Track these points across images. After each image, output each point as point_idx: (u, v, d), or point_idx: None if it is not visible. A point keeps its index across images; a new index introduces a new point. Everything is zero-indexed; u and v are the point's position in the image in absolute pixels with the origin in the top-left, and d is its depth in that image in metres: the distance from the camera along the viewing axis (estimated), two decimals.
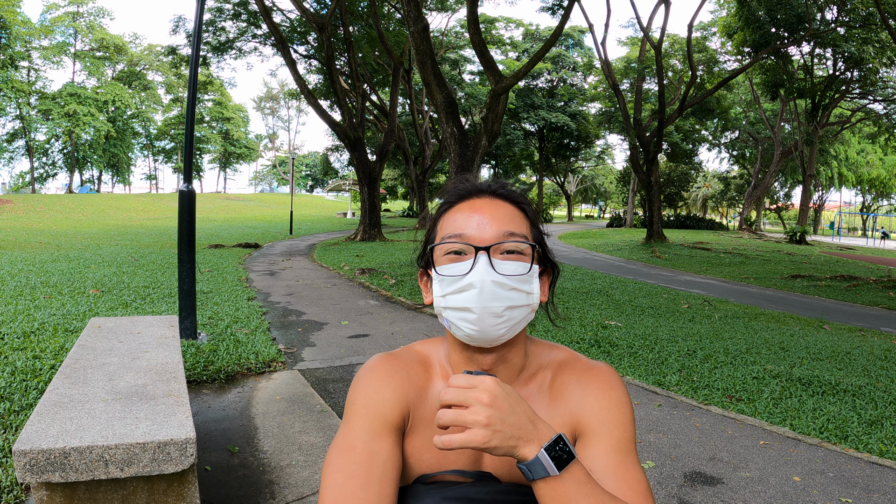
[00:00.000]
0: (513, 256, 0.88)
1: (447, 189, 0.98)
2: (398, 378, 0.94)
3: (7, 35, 44.46)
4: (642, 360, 4.93)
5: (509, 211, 0.92)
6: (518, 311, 0.88)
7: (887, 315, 8.75)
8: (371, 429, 0.89)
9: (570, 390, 0.94)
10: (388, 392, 0.92)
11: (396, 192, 56.00)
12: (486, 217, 0.89)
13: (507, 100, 11.93)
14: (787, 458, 3.08)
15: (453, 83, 33.36)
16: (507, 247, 0.88)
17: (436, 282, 0.90)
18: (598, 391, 0.93)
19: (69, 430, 1.68)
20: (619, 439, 0.90)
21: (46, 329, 4.84)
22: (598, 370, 0.96)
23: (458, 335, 0.90)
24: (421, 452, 0.93)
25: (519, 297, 0.87)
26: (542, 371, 0.98)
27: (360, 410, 0.91)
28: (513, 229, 0.89)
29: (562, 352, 1.00)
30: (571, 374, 0.96)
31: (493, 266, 0.86)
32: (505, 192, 0.94)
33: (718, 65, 26.74)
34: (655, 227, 21.28)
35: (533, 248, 0.90)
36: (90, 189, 58.44)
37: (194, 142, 6.39)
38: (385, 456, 0.88)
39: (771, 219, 57.22)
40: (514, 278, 0.86)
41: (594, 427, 0.91)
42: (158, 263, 10.29)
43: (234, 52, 20.79)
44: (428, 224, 0.98)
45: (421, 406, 0.95)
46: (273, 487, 2.65)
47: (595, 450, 0.89)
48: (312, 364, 4.72)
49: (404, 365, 0.97)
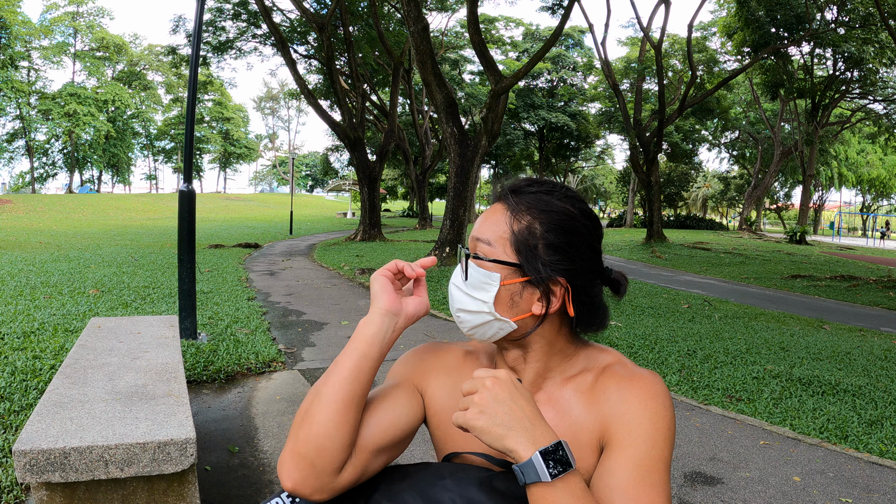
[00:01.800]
0: (478, 262, 0.90)
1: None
2: (432, 355, 1.02)
3: (7, 35, 44.45)
4: (642, 361, 4.93)
5: (499, 218, 0.90)
6: (472, 317, 0.90)
7: (887, 315, 8.74)
8: (393, 381, 0.99)
9: (608, 395, 0.90)
10: (416, 361, 1.02)
11: (396, 192, 55.98)
12: (478, 221, 0.93)
13: (507, 100, 11.93)
14: (787, 458, 3.08)
15: (453, 83, 33.35)
16: (470, 252, 0.92)
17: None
18: (634, 400, 0.87)
19: (69, 430, 1.68)
20: (644, 456, 0.82)
21: (46, 329, 4.84)
22: (641, 378, 0.90)
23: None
24: (446, 429, 0.97)
25: (470, 303, 0.90)
26: (585, 373, 0.94)
27: (389, 375, 1.02)
28: (479, 234, 0.91)
29: (610, 355, 0.96)
30: (612, 379, 0.92)
31: (462, 269, 0.91)
32: (506, 198, 0.92)
33: (718, 65, 26.74)
34: (655, 227, 21.27)
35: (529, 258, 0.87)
36: (90, 189, 58.43)
37: (194, 142, 6.40)
38: (394, 394, 0.94)
39: (771, 219, 57.20)
40: (464, 283, 0.91)
41: (621, 438, 0.85)
42: (158, 263, 10.29)
43: (234, 52, 20.79)
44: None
45: (451, 384, 0.99)
46: (273, 487, 2.65)
47: (615, 462, 0.83)
48: (312, 364, 4.72)
49: (443, 350, 1.04)
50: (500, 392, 0.77)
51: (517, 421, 0.76)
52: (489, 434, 0.76)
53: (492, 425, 0.75)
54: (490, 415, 0.76)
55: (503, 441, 0.75)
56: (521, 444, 0.74)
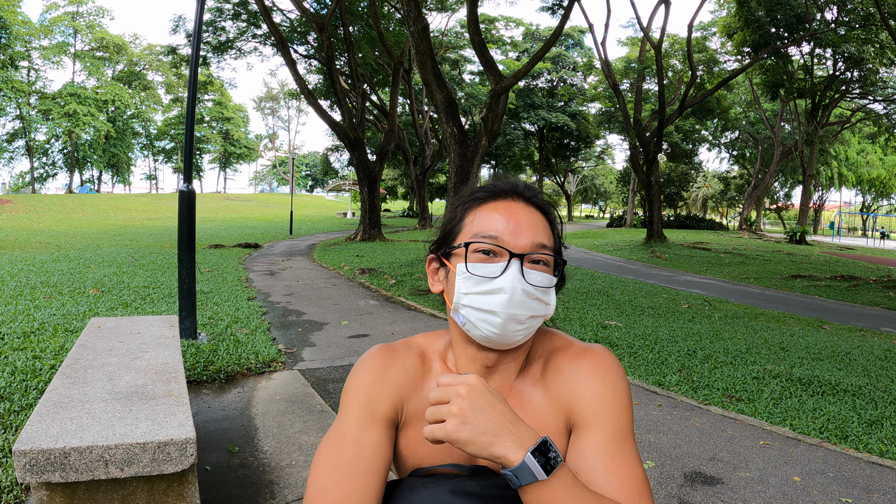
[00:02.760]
0: (540, 267, 0.88)
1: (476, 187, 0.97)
2: (393, 370, 0.94)
3: (7, 35, 44.46)
4: (642, 360, 4.93)
5: (540, 220, 0.92)
6: (537, 321, 0.89)
7: (887, 315, 8.74)
8: (361, 420, 0.90)
9: (563, 377, 0.92)
10: (381, 384, 0.92)
11: (396, 192, 56.01)
12: (522, 224, 0.89)
13: (507, 100, 11.93)
14: (787, 458, 3.08)
15: (453, 83, 33.35)
16: (536, 258, 0.88)
17: (461, 278, 0.88)
18: (591, 377, 0.91)
19: (69, 430, 1.68)
20: (614, 430, 0.87)
21: (46, 329, 4.84)
22: (592, 353, 0.94)
23: (474, 334, 0.89)
24: (415, 446, 0.93)
25: (540, 307, 0.88)
26: (536, 361, 0.96)
27: (353, 401, 0.92)
28: (544, 241, 0.90)
29: (556, 338, 0.98)
30: (563, 359, 0.94)
31: (524, 274, 0.86)
32: (538, 200, 0.94)
33: (718, 65, 26.74)
34: (655, 227, 21.27)
35: (556, 262, 0.91)
36: (90, 189, 58.44)
37: (194, 142, 6.40)
38: (373, 448, 0.88)
39: (771, 219, 57.21)
40: (540, 289, 0.87)
41: (587, 417, 0.88)
42: (158, 263, 10.29)
43: (234, 52, 20.80)
44: (453, 212, 0.96)
45: (415, 399, 0.94)
46: (273, 487, 2.65)
47: (588, 443, 0.87)
48: (312, 364, 4.72)
49: (401, 357, 0.96)
50: (477, 399, 0.75)
51: (500, 426, 0.74)
52: (474, 444, 0.74)
53: (476, 435, 0.74)
54: (472, 424, 0.74)
55: (490, 449, 0.74)
56: (509, 448, 0.74)
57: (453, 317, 0.91)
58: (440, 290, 0.95)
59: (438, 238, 0.97)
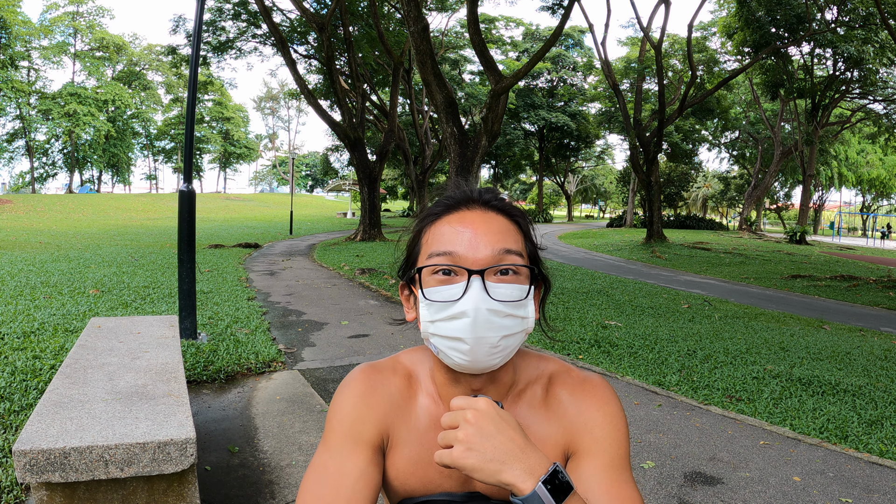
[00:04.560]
0: (508, 278, 0.80)
1: (440, 194, 0.90)
2: (378, 395, 0.90)
3: (7, 35, 44.45)
4: (642, 360, 4.93)
5: (503, 225, 0.84)
6: (513, 339, 0.81)
7: (887, 315, 8.74)
8: (344, 447, 0.86)
9: (564, 406, 0.90)
10: (365, 409, 0.88)
11: (396, 192, 55.99)
12: (479, 233, 0.81)
13: (507, 100, 11.93)
14: (787, 458, 3.08)
15: (453, 83, 33.35)
16: (502, 268, 0.80)
17: (423, 305, 0.82)
18: (592, 407, 0.89)
19: (69, 430, 1.68)
20: (614, 458, 0.86)
21: (46, 329, 4.84)
22: (592, 384, 0.91)
23: (448, 363, 0.83)
24: (406, 474, 0.90)
25: (514, 324, 0.80)
26: (532, 386, 0.92)
27: (336, 427, 0.88)
28: (510, 245, 0.81)
29: (551, 363, 0.94)
30: (563, 388, 0.91)
31: (488, 291, 0.78)
32: (497, 202, 0.86)
33: (718, 65, 26.74)
34: (655, 227, 21.27)
35: (530, 269, 0.83)
36: (90, 189, 58.44)
37: (194, 142, 6.40)
38: (356, 476, 0.84)
39: (771, 219, 57.21)
40: (510, 304, 0.79)
41: (588, 446, 0.87)
42: (158, 263, 10.29)
43: (234, 52, 20.80)
44: (410, 234, 0.90)
45: (402, 424, 0.90)
46: (273, 487, 2.65)
47: (589, 469, 0.85)
48: (312, 364, 4.72)
49: (386, 380, 0.92)
50: (485, 425, 0.72)
51: (509, 454, 0.72)
52: (481, 471, 0.71)
53: (483, 462, 0.71)
54: (479, 451, 0.71)
55: (498, 476, 0.71)
56: (518, 477, 0.71)
57: (428, 345, 0.86)
58: (413, 317, 0.88)
59: (402, 262, 0.91)
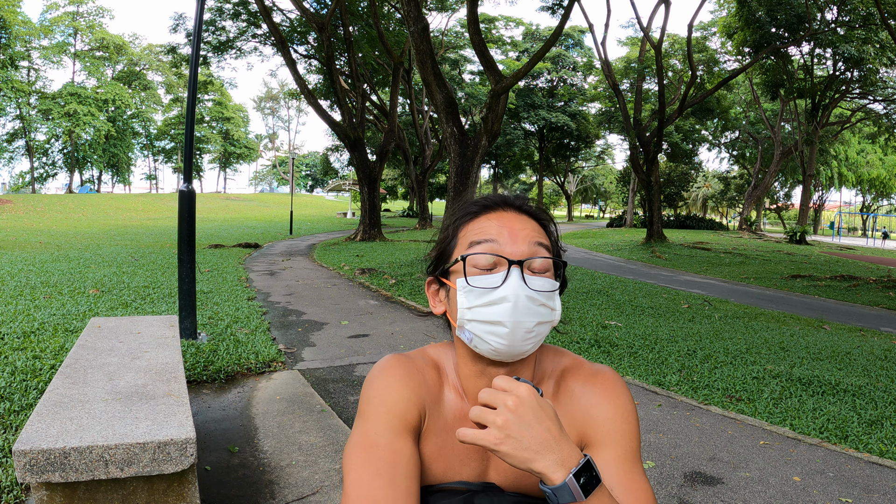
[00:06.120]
0: (539, 267, 0.88)
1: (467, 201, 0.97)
2: (415, 380, 0.93)
3: (7, 35, 44.46)
4: (642, 360, 4.93)
5: (534, 226, 0.92)
6: (545, 327, 0.87)
7: (887, 315, 8.74)
8: (392, 427, 0.87)
9: (576, 398, 0.94)
10: (407, 392, 0.91)
11: (396, 192, 56.02)
12: (517, 228, 0.89)
13: (507, 100, 11.93)
14: (787, 458, 3.08)
15: (453, 83, 33.34)
16: (537, 262, 0.87)
17: (462, 292, 0.87)
18: (603, 399, 0.93)
19: (69, 430, 1.68)
20: (626, 450, 0.90)
21: (46, 329, 4.84)
22: (603, 376, 0.95)
23: (483, 349, 0.87)
24: (430, 461, 0.92)
25: (546, 313, 0.87)
26: (547, 379, 0.97)
27: (380, 408, 0.89)
28: (542, 240, 0.90)
29: (565, 357, 0.99)
30: (575, 381, 0.95)
31: (525, 281, 0.85)
32: (529, 208, 0.95)
33: (718, 65, 26.75)
34: (655, 227, 21.27)
35: (557, 265, 0.90)
36: (90, 189, 58.44)
37: (194, 142, 6.40)
38: (408, 455, 0.86)
39: (771, 219, 57.22)
40: (544, 294, 0.86)
41: (601, 437, 0.91)
42: (158, 263, 10.29)
43: (234, 52, 20.81)
44: (446, 231, 0.96)
45: (434, 412, 0.93)
46: (273, 487, 2.65)
47: (601, 460, 0.89)
48: (312, 364, 4.72)
49: (420, 368, 0.95)
50: (525, 413, 0.74)
51: (544, 444, 0.74)
52: (514, 458, 0.74)
53: (517, 450, 0.73)
54: (516, 439, 0.73)
55: (530, 464, 0.74)
56: (549, 468, 0.73)
57: (459, 335, 0.90)
58: (442, 311, 0.94)
59: (434, 259, 0.96)
